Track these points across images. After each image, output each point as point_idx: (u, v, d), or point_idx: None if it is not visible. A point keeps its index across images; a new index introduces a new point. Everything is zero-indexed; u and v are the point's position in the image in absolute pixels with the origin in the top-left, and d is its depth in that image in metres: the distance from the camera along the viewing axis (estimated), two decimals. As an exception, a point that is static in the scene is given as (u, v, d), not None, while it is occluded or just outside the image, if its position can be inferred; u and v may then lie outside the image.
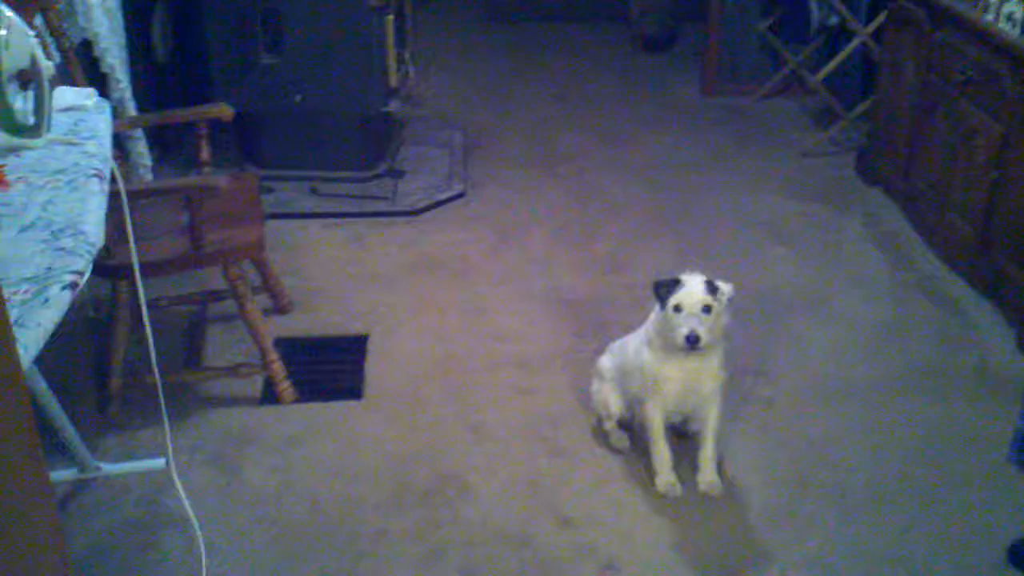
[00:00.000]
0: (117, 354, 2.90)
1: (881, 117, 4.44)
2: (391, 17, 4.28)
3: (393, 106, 4.50)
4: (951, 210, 3.74)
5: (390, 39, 4.32)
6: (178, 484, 2.44)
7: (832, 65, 5.03)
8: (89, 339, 3.27)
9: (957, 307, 3.54)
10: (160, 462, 2.66)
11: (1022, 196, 3.26)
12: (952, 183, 3.73)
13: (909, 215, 4.14)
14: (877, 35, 4.70)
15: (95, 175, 2.10)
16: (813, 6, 5.25)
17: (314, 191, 4.40)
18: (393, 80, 4.42)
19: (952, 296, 3.61)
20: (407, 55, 4.59)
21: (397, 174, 4.58)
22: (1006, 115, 3.34)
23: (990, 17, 3.48)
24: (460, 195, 4.45)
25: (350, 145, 4.52)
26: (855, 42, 4.92)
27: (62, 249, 1.78)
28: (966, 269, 3.65)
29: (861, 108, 4.91)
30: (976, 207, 3.55)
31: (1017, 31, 3.30)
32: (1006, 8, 3.38)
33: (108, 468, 2.68)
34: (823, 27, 5.30)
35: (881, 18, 4.62)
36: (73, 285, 1.72)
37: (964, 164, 3.63)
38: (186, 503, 2.41)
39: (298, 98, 4.28)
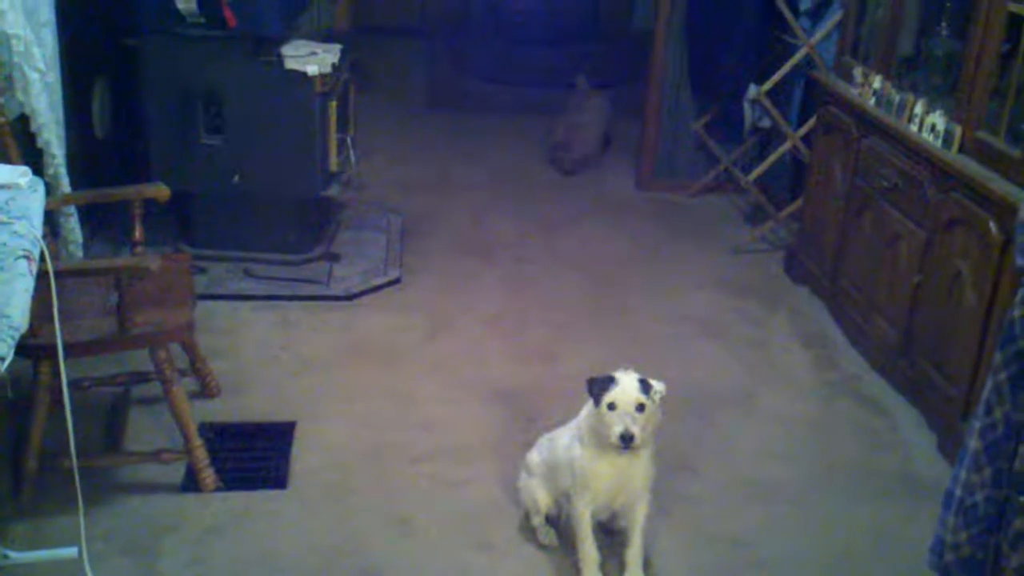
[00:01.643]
0: (34, 436, 2.81)
1: (809, 218, 4.57)
2: (335, 103, 4.33)
3: (333, 190, 4.51)
4: (875, 312, 3.84)
5: (333, 124, 4.35)
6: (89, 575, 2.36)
7: (764, 166, 5.18)
8: (3, 420, 3.17)
9: (880, 408, 3.61)
10: (72, 551, 2.56)
11: (943, 301, 3.36)
12: (876, 286, 3.84)
13: (835, 315, 4.23)
14: (807, 139, 4.87)
15: (23, 256, 2.06)
16: (747, 108, 5.43)
17: (247, 273, 4.37)
18: (334, 165, 4.44)
19: (875, 397, 3.68)
20: (349, 140, 4.62)
21: (333, 258, 4.57)
22: (928, 222, 3.47)
23: (914, 127, 3.63)
24: (396, 281, 4.46)
25: (286, 228, 4.51)
26: (786, 145, 5.08)
27: (-18, 333, 1.74)
28: (889, 371, 3.74)
29: (790, 208, 5.05)
30: (899, 310, 3.65)
31: (939, 142, 3.44)
32: (929, 120, 3.53)
33: (17, 556, 2.58)
34: (756, 129, 5.48)
35: (811, 123, 4.79)
36: (-7, 371, 1.68)
37: (888, 268, 3.75)
38: (96, 596, 2.33)
39: (235, 178, 4.26)
